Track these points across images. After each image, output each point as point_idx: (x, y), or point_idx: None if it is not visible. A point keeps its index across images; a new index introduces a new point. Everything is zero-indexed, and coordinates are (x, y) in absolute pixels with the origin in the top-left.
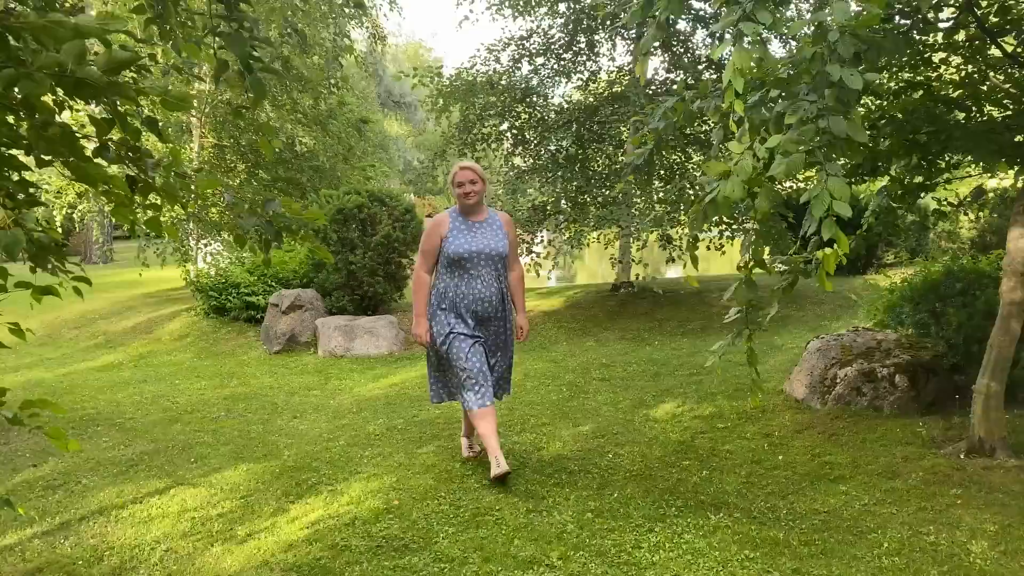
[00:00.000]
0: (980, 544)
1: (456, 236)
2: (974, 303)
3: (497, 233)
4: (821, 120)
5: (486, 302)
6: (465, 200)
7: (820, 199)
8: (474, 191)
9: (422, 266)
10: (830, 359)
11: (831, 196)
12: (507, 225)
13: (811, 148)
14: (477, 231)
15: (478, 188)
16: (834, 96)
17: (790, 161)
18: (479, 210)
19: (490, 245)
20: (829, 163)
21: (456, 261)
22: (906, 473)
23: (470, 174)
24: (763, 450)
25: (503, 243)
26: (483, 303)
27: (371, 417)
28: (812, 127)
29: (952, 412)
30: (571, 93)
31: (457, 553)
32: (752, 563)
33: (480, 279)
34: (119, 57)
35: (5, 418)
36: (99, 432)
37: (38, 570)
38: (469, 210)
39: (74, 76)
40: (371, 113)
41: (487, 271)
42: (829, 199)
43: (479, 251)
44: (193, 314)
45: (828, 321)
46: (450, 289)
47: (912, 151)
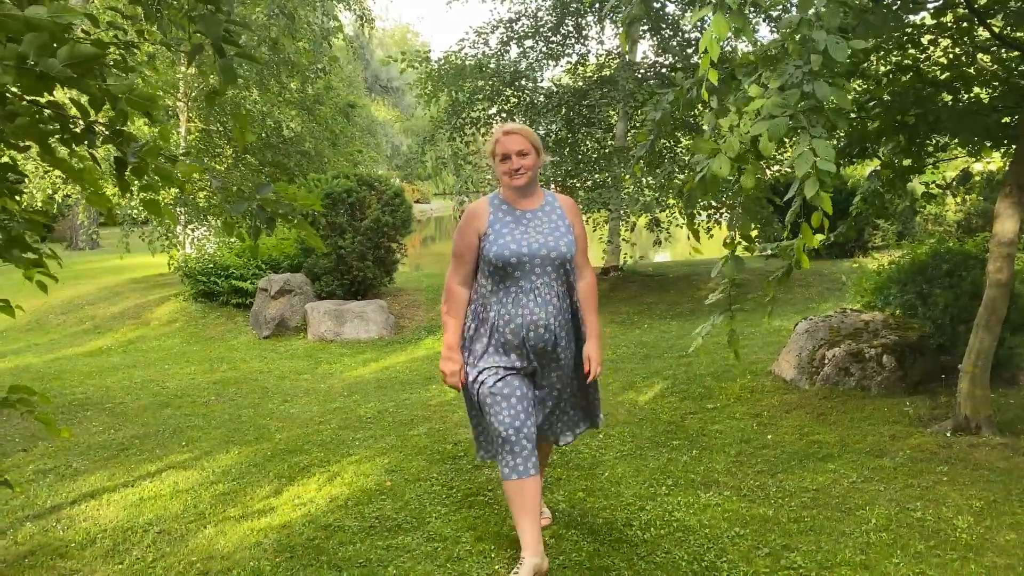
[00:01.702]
0: (966, 519)
1: (500, 232)
2: (960, 284)
3: (558, 225)
4: (806, 84)
5: (543, 327)
6: (512, 180)
7: (804, 157)
8: (525, 166)
9: (454, 276)
10: (818, 340)
11: (814, 154)
12: (571, 213)
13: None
14: (530, 224)
15: (530, 162)
16: (819, 61)
17: (773, 124)
18: (531, 193)
19: (548, 243)
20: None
21: (501, 268)
22: (893, 451)
23: (519, 141)
24: (752, 430)
25: (568, 239)
26: (539, 329)
27: (362, 400)
28: (796, 91)
29: (938, 391)
30: (560, 76)
31: (450, 532)
32: (742, 540)
33: (535, 294)
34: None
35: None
36: (89, 417)
37: (30, 553)
38: (518, 194)
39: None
40: (358, 98)
41: (544, 282)
42: (813, 156)
43: (533, 253)
44: (181, 299)
45: (816, 303)
46: (491, 308)
47: (900, 133)
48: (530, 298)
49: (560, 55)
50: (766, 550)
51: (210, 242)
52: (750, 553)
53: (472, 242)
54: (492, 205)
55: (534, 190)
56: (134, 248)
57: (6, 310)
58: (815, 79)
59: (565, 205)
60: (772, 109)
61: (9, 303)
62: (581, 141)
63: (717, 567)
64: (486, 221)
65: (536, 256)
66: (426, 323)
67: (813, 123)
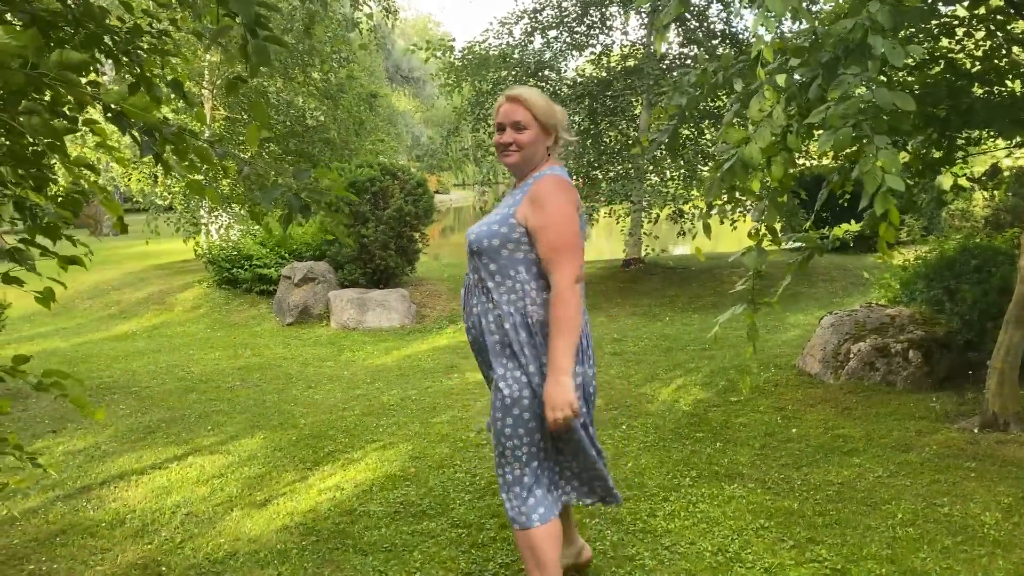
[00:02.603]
0: (993, 515)
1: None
2: (989, 280)
3: (501, 209)
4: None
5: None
6: (500, 157)
7: (871, 174)
8: (518, 142)
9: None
10: (843, 334)
11: (883, 170)
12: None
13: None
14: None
15: (526, 138)
16: (877, 68)
17: (837, 136)
18: (523, 175)
19: (476, 230)
20: (878, 136)
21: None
22: (919, 447)
23: (518, 111)
24: (776, 423)
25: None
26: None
27: (385, 388)
28: (856, 100)
29: (965, 388)
30: (584, 67)
31: (474, 519)
32: (767, 532)
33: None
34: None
35: (30, 384)
36: (116, 400)
37: (61, 532)
38: (514, 173)
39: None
40: (379, 88)
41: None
42: (881, 173)
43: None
44: (205, 286)
45: (840, 298)
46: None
47: (931, 126)
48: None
49: (584, 45)
50: (791, 542)
51: (233, 229)
52: (775, 545)
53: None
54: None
55: (527, 172)
56: (159, 234)
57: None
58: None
59: (535, 185)
60: (833, 121)
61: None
62: (604, 132)
63: (742, 558)
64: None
65: (469, 243)
66: (447, 313)
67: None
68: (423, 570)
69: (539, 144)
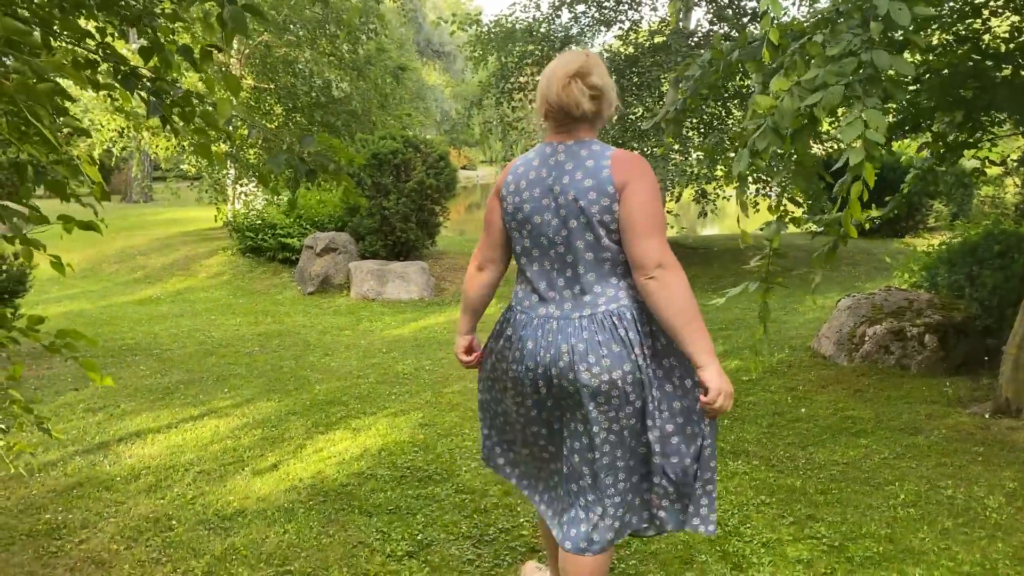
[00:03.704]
0: (997, 499)
1: None
2: (1011, 266)
3: None
4: (864, 53)
5: None
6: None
7: (853, 125)
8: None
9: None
10: (860, 317)
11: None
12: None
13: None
14: None
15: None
16: (879, 30)
17: (828, 94)
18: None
19: None
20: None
21: None
22: (928, 430)
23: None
24: (786, 403)
25: None
26: None
27: (400, 357)
28: (854, 59)
29: (981, 374)
30: (611, 43)
31: (478, 486)
32: (767, 508)
33: None
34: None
35: (43, 346)
36: (137, 361)
37: (78, 484)
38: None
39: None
40: (409, 61)
41: None
42: (863, 126)
43: None
44: (229, 253)
45: (861, 282)
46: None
47: (956, 108)
48: None
49: (613, 21)
50: (791, 519)
51: (257, 198)
52: (775, 521)
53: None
54: None
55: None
56: (185, 201)
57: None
58: (873, 48)
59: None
60: (828, 78)
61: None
62: (631, 109)
63: (740, 532)
64: None
65: None
66: None
67: (868, 93)
68: (425, 532)
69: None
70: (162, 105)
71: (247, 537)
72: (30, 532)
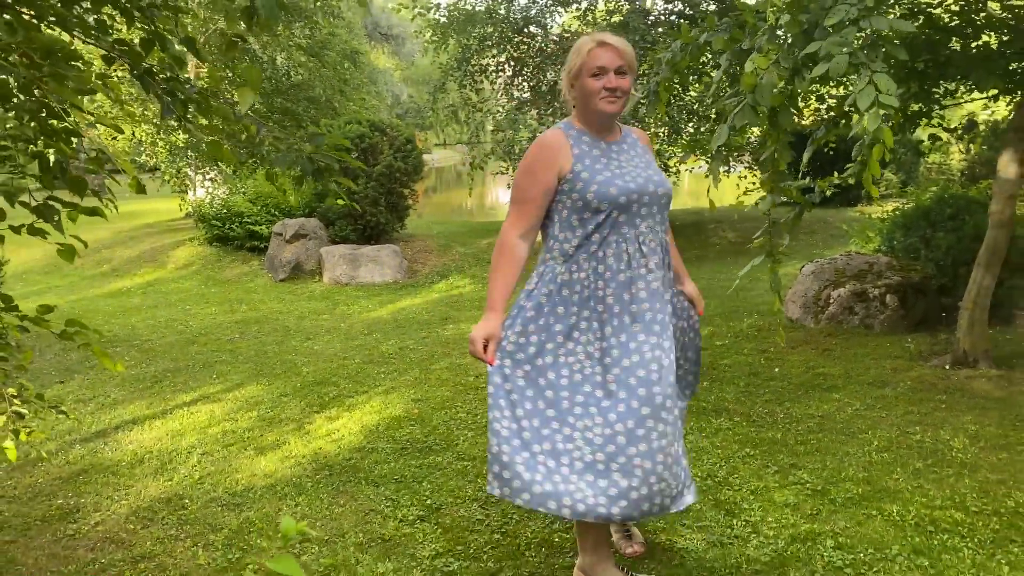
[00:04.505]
0: (961, 441)
1: (594, 168)
2: (962, 227)
3: (649, 161)
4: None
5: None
6: (607, 104)
7: (866, 92)
8: (622, 88)
9: (514, 227)
10: (824, 281)
11: (877, 89)
12: (649, 147)
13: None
14: (622, 158)
15: (627, 84)
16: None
17: (833, 63)
18: (614, 125)
19: (653, 178)
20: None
21: (604, 211)
22: (895, 382)
23: (618, 56)
24: (760, 364)
25: (663, 175)
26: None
27: (382, 338)
28: (853, 28)
29: (939, 329)
30: (570, 23)
31: (478, 453)
32: (752, 459)
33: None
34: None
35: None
36: (119, 352)
37: (83, 471)
38: (602, 123)
39: None
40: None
41: (649, 226)
42: (875, 91)
43: (641, 190)
44: (196, 243)
45: (820, 250)
46: (584, 269)
47: (910, 79)
48: (635, 247)
49: (569, 1)
50: (775, 468)
51: (220, 187)
52: (760, 471)
53: (551, 183)
54: (570, 136)
55: (615, 121)
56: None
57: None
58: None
59: (641, 138)
60: (831, 48)
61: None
62: None
63: (730, 482)
64: (570, 155)
65: (645, 194)
66: (439, 268)
67: (872, 58)
68: (433, 497)
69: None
70: (176, 104)
71: (260, 511)
72: (44, 517)
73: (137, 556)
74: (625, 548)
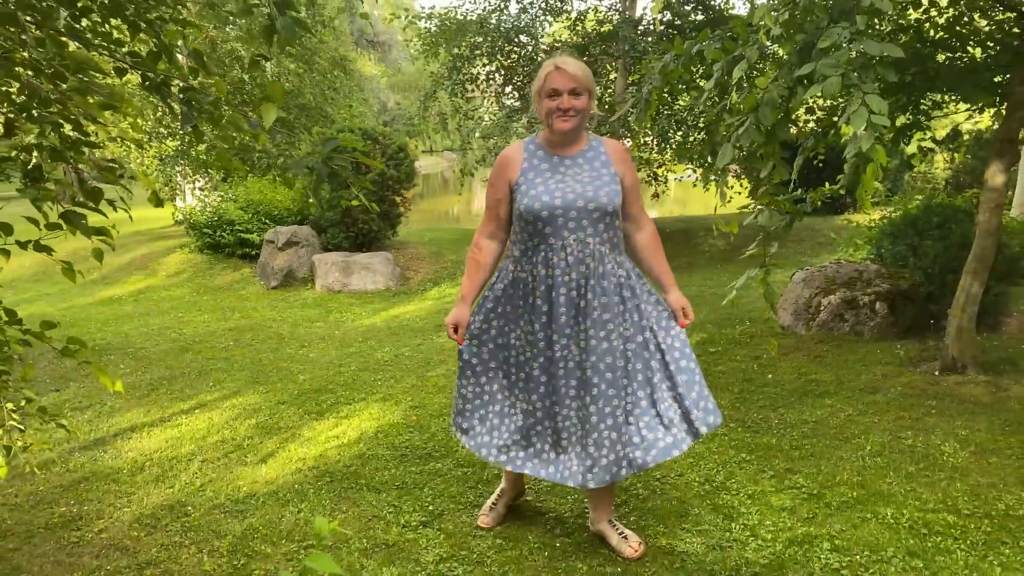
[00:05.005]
0: (952, 446)
1: (532, 182)
2: (950, 236)
3: (601, 173)
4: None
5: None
6: (560, 123)
7: (859, 113)
8: (576, 107)
9: (481, 229)
10: (814, 288)
11: (869, 110)
12: (619, 159)
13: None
14: (568, 172)
15: (582, 103)
16: (864, 21)
17: (827, 84)
18: (575, 139)
19: (586, 194)
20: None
21: (532, 222)
22: (885, 388)
23: (573, 79)
24: (753, 370)
25: (609, 189)
26: (567, 292)
27: (377, 346)
28: (846, 50)
29: (927, 336)
30: (560, 32)
31: (478, 460)
32: (748, 464)
33: (568, 251)
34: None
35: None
36: (113, 360)
37: (84, 479)
38: (560, 139)
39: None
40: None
41: (579, 238)
42: (867, 112)
43: (568, 204)
44: (187, 251)
45: (808, 258)
46: (522, 263)
47: (899, 92)
48: (563, 255)
49: (559, 11)
50: (771, 473)
51: (210, 194)
52: (757, 475)
53: (503, 193)
54: (527, 151)
55: (578, 136)
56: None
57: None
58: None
59: (612, 150)
60: (824, 70)
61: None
62: None
63: (727, 487)
64: (518, 169)
65: (571, 209)
66: (431, 275)
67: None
68: (434, 503)
69: (588, 109)
70: (195, 113)
71: (263, 517)
72: (47, 525)
73: (143, 563)
74: (625, 550)
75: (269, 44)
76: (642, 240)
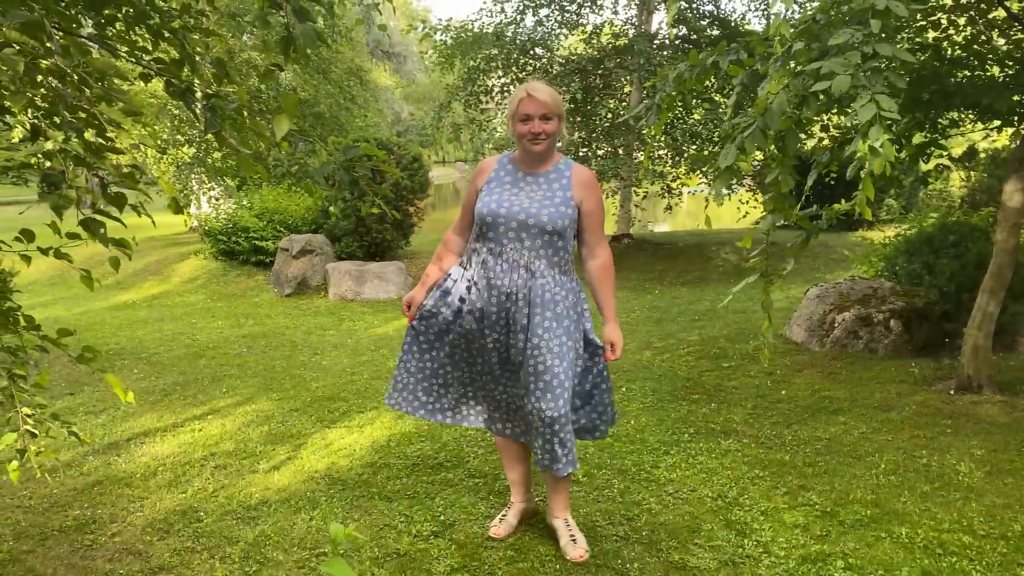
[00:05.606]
0: (968, 466)
1: (491, 190)
2: (965, 254)
3: (554, 194)
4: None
5: (501, 294)
6: (531, 146)
7: (867, 107)
8: (546, 131)
9: (454, 226)
10: (828, 305)
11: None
12: (582, 186)
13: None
14: (524, 187)
15: (552, 128)
16: (879, 25)
17: (836, 81)
18: (544, 160)
19: (529, 209)
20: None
21: (479, 224)
22: (900, 406)
23: (544, 105)
24: (766, 386)
25: (554, 211)
26: (498, 294)
27: (389, 355)
28: (857, 52)
29: (942, 355)
30: (575, 45)
31: (488, 470)
32: (762, 480)
33: (504, 258)
34: None
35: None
36: (127, 365)
37: (97, 483)
38: (530, 158)
39: None
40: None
41: (515, 248)
42: (876, 107)
43: (510, 215)
44: (202, 257)
45: (821, 274)
46: (471, 259)
47: (916, 109)
48: (500, 261)
49: (575, 24)
50: (784, 489)
51: (224, 202)
52: (770, 492)
53: (472, 197)
54: (499, 163)
55: (548, 156)
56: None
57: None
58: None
59: (576, 175)
60: (835, 67)
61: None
62: (595, 110)
63: (740, 503)
64: (486, 178)
65: (513, 220)
66: None
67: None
68: (446, 513)
69: (558, 133)
70: (218, 120)
71: (275, 525)
72: (61, 528)
73: (155, 567)
74: (570, 552)
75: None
76: (592, 267)
